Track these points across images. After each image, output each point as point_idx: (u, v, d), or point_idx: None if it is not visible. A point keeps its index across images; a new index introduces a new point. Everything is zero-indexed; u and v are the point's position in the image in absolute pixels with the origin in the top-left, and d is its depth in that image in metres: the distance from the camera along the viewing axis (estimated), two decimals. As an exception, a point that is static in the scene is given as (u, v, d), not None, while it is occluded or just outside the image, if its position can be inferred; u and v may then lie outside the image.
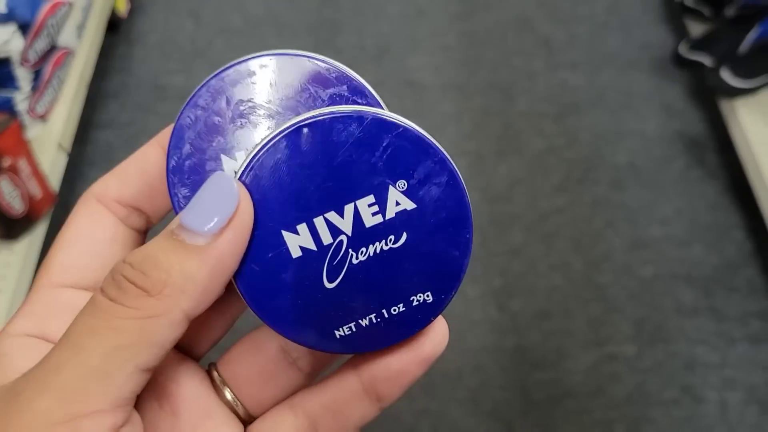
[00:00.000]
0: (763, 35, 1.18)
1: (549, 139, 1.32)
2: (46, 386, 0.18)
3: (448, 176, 0.22)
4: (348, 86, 0.23)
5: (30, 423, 0.17)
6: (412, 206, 0.22)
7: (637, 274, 1.14)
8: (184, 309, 0.19)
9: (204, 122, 0.23)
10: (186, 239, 0.19)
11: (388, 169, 0.22)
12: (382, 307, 0.22)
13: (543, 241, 1.18)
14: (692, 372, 1.04)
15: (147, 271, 0.19)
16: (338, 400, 0.23)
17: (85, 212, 0.24)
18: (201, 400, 0.24)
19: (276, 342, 0.25)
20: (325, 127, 0.21)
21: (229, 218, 0.20)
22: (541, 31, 1.51)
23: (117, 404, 0.18)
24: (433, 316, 0.22)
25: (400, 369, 0.22)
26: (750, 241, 1.18)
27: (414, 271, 0.22)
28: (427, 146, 0.22)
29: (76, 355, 0.18)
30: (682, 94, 1.38)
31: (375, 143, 0.22)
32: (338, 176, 0.21)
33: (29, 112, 1.05)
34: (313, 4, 1.55)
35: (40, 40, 1.04)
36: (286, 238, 0.21)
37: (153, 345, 0.19)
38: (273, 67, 0.24)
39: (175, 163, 0.23)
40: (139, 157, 0.24)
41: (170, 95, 1.39)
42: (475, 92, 1.40)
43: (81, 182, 1.24)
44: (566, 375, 1.04)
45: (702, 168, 1.28)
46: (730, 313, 1.10)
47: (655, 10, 1.54)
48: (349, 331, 0.22)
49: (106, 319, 0.19)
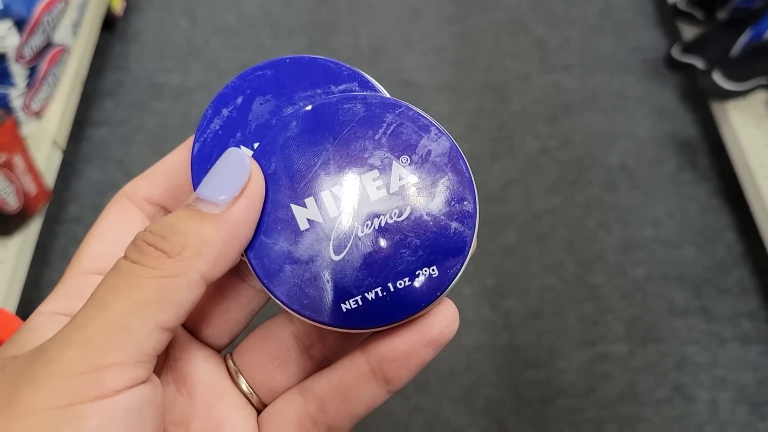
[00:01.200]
0: (755, 38, 1.19)
1: (542, 141, 1.33)
2: (71, 340, 0.19)
3: (450, 152, 0.23)
4: (359, 82, 0.25)
5: (56, 372, 0.18)
6: (415, 180, 0.22)
7: (629, 275, 1.15)
8: (200, 270, 0.20)
9: (227, 117, 0.25)
10: (202, 208, 0.21)
11: (391, 145, 0.23)
12: (387, 281, 0.22)
13: (536, 242, 1.19)
14: (683, 371, 1.05)
15: (166, 236, 0.20)
16: (346, 382, 0.23)
17: (115, 209, 0.25)
18: (216, 384, 0.25)
19: (288, 329, 0.26)
20: (332, 107, 0.23)
21: (242, 188, 0.21)
22: (535, 33, 1.52)
23: (138, 359, 0.19)
24: (439, 291, 0.22)
25: (408, 350, 0.22)
26: (741, 242, 1.19)
27: (419, 245, 0.22)
28: (428, 124, 0.23)
29: (99, 311, 0.19)
30: (674, 96, 1.40)
31: (378, 121, 0.23)
32: (344, 152, 0.23)
33: (24, 108, 1.05)
34: (309, 5, 1.56)
35: (35, 36, 1.04)
36: (294, 211, 0.22)
37: (172, 303, 0.20)
38: (290, 67, 0.25)
39: (197, 155, 0.24)
40: (167, 160, 0.26)
41: (165, 93, 1.39)
42: (469, 93, 1.41)
43: (76, 179, 1.24)
44: (559, 374, 1.05)
45: (694, 170, 1.29)
46: (721, 313, 1.11)
47: (648, 14, 1.55)
48: (355, 305, 0.22)
49: (128, 279, 0.20)
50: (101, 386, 0.18)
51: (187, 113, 1.36)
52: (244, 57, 1.45)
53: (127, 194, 0.26)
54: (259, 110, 0.25)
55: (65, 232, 1.18)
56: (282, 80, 0.25)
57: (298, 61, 0.25)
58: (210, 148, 0.24)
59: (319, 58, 0.25)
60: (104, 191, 1.23)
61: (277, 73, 0.25)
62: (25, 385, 0.18)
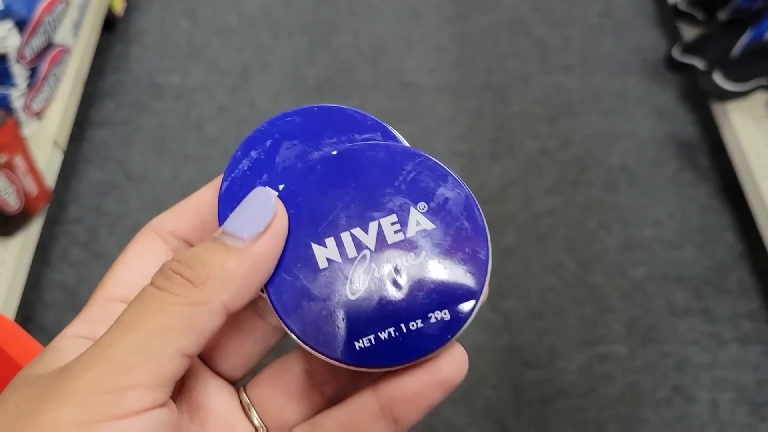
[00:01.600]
0: (755, 39, 1.19)
1: (542, 141, 1.33)
2: (96, 359, 0.19)
3: (466, 201, 0.24)
4: (381, 132, 0.26)
5: (80, 389, 0.19)
6: (431, 226, 0.23)
7: (629, 275, 1.15)
8: (223, 300, 0.21)
9: (255, 159, 0.26)
10: (228, 242, 0.22)
11: (410, 192, 0.24)
12: (400, 322, 0.23)
13: (536, 242, 1.19)
14: (684, 372, 1.05)
15: (193, 265, 0.21)
16: (355, 419, 0.24)
17: (142, 240, 0.27)
18: (228, 415, 0.26)
19: (301, 365, 0.26)
20: (356, 153, 0.25)
21: (266, 225, 0.22)
22: (535, 33, 1.52)
23: (158, 382, 0.20)
24: (450, 334, 0.23)
25: (417, 390, 0.23)
26: (741, 243, 1.19)
27: (432, 289, 0.23)
28: (445, 173, 0.24)
29: (124, 333, 0.20)
30: (674, 97, 1.40)
31: (399, 169, 0.24)
32: (365, 196, 0.24)
33: (25, 109, 1.05)
34: (309, 5, 1.56)
35: (36, 37, 1.04)
36: (314, 250, 0.23)
37: (194, 330, 0.21)
38: (318, 114, 0.27)
39: (225, 191, 0.26)
40: (195, 197, 0.27)
41: (166, 94, 1.39)
42: (470, 94, 1.41)
43: (76, 180, 1.24)
44: (559, 375, 1.05)
45: (694, 170, 1.29)
46: (722, 314, 1.11)
47: (648, 14, 1.55)
48: (368, 343, 0.23)
49: (153, 304, 0.21)
50: (122, 406, 0.19)
51: (187, 114, 1.36)
52: (245, 58, 1.45)
53: (154, 227, 0.27)
54: (285, 154, 0.26)
55: (65, 232, 1.18)
56: (309, 127, 0.26)
57: (326, 110, 0.27)
58: (237, 188, 0.25)
59: (345, 108, 0.27)
60: (104, 192, 1.23)
61: (305, 120, 0.26)
62: (49, 401, 0.19)
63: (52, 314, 1.10)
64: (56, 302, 1.11)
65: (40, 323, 1.09)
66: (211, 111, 1.36)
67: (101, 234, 1.18)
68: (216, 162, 1.28)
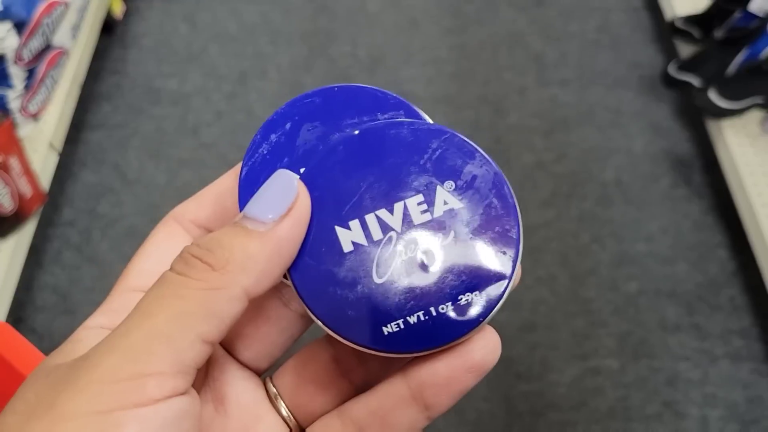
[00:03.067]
0: (751, 57, 1.20)
1: (538, 154, 1.33)
2: (115, 347, 0.19)
3: (494, 178, 0.23)
4: (405, 111, 0.25)
5: (98, 378, 0.18)
6: (459, 205, 0.23)
7: (621, 290, 1.15)
8: (243, 285, 0.20)
9: (274, 143, 0.25)
10: (249, 226, 0.21)
11: (436, 170, 0.23)
12: (429, 305, 0.22)
13: (530, 255, 1.19)
14: (674, 388, 1.05)
15: (212, 249, 0.21)
16: (385, 406, 0.23)
17: (163, 229, 0.26)
18: (254, 406, 0.25)
19: (329, 352, 0.26)
20: (379, 132, 0.24)
21: (288, 208, 0.22)
22: (532, 47, 1.53)
23: (179, 369, 0.19)
24: (482, 317, 0.22)
25: (448, 375, 0.22)
26: (733, 260, 1.19)
27: (462, 270, 0.22)
28: (473, 150, 0.23)
29: (143, 320, 0.20)
30: (669, 113, 1.40)
31: (424, 147, 0.23)
32: (389, 176, 0.23)
33: (21, 110, 1.05)
34: (308, 13, 1.56)
35: (35, 39, 1.04)
36: (338, 234, 0.23)
37: (214, 316, 0.20)
38: (338, 95, 0.26)
39: (245, 177, 0.25)
40: (216, 184, 0.27)
41: (163, 98, 1.39)
42: (466, 105, 1.41)
43: (71, 182, 1.24)
44: (550, 387, 1.05)
45: (688, 187, 1.29)
46: (713, 330, 1.11)
47: (645, 30, 1.56)
48: (396, 328, 0.22)
49: (172, 289, 0.20)
50: (142, 394, 0.18)
51: (184, 119, 1.36)
52: (243, 64, 1.46)
53: (175, 216, 0.26)
54: (306, 136, 0.25)
55: (59, 235, 1.18)
56: (330, 108, 0.25)
57: (346, 90, 0.26)
58: (257, 173, 0.25)
59: (366, 87, 0.26)
60: (99, 195, 1.23)
61: (326, 101, 0.26)
62: (67, 390, 0.18)
63: (43, 317, 1.09)
64: (48, 305, 1.10)
65: (31, 325, 1.08)
66: (208, 116, 1.36)
67: (94, 237, 1.18)
68: (211, 167, 1.28)
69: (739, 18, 1.24)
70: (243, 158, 0.25)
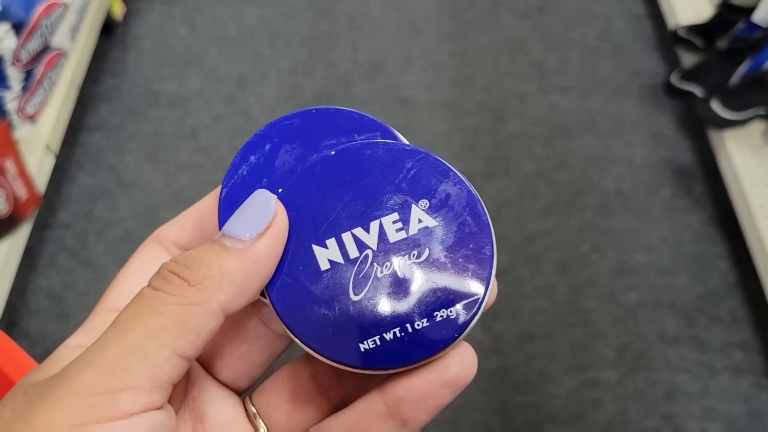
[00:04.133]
0: (754, 68, 1.19)
1: (538, 162, 1.32)
2: (90, 361, 0.19)
3: (467, 196, 0.24)
4: (381, 132, 0.26)
5: (73, 392, 0.18)
6: (434, 224, 0.23)
7: (621, 301, 1.14)
8: (220, 301, 0.21)
9: (254, 164, 0.26)
10: (227, 243, 0.22)
11: (411, 190, 0.24)
12: (405, 322, 0.22)
13: (529, 264, 1.18)
14: (673, 401, 1.04)
15: (190, 265, 0.21)
16: (363, 422, 0.23)
17: (145, 251, 0.27)
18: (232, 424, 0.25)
19: (308, 370, 0.26)
20: (355, 153, 0.24)
21: (266, 227, 0.22)
22: (534, 54, 1.52)
23: (153, 384, 0.19)
24: (457, 333, 0.22)
25: (425, 391, 0.22)
26: (734, 271, 1.18)
27: (437, 287, 0.22)
28: (446, 170, 0.24)
29: (119, 335, 0.20)
30: (671, 122, 1.40)
31: (399, 166, 0.24)
32: (365, 196, 0.24)
33: (18, 112, 1.04)
34: (309, 17, 1.56)
35: (33, 40, 1.03)
36: (315, 252, 0.23)
37: (190, 331, 0.20)
38: (316, 117, 0.26)
39: (224, 197, 0.25)
40: (197, 206, 0.27)
41: (162, 101, 1.38)
42: (467, 112, 1.40)
43: (68, 184, 1.23)
44: (548, 399, 1.04)
45: (689, 197, 1.28)
46: (713, 342, 1.10)
47: (647, 39, 1.56)
48: (373, 344, 0.22)
49: (149, 305, 0.20)
50: (116, 408, 0.18)
51: (183, 121, 1.35)
52: (242, 67, 1.45)
53: (156, 238, 0.27)
54: (285, 157, 0.26)
55: (54, 238, 1.17)
56: (308, 129, 0.26)
57: (324, 112, 0.26)
58: (237, 193, 0.25)
59: (344, 109, 0.26)
60: (95, 198, 1.22)
61: (304, 123, 0.26)
62: (42, 404, 0.18)
63: (37, 321, 1.08)
64: (41, 308, 1.09)
65: (25, 330, 1.07)
66: (207, 120, 1.36)
67: (90, 240, 1.17)
68: (209, 171, 1.27)
69: (743, 28, 1.23)
70: (224, 179, 0.26)
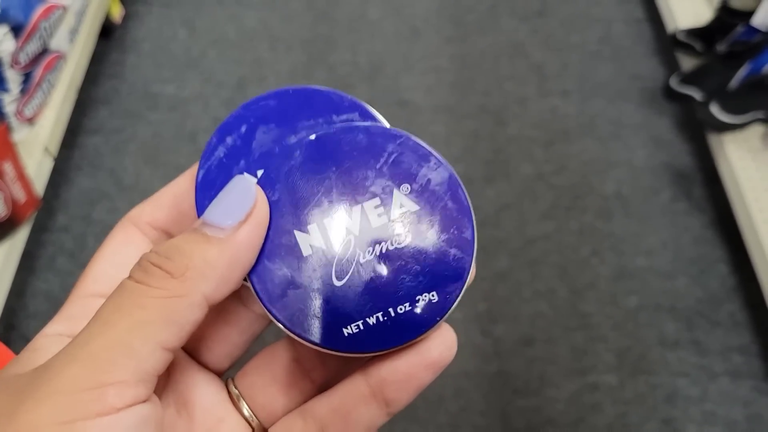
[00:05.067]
0: (753, 72, 1.19)
1: (538, 165, 1.32)
2: (74, 356, 0.19)
3: (449, 180, 0.24)
4: (360, 112, 0.26)
5: (58, 388, 0.18)
6: (415, 208, 0.23)
7: (621, 304, 1.14)
8: (203, 292, 0.21)
9: (231, 145, 0.25)
10: (208, 232, 0.22)
11: (392, 174, 0.23)
12: (388, 306, 0.22)
13: (529, 267, 1.18)
14: (673, 405, 1.04)
15: (171, 257, 0.21)
16: (347, 403, 0.23)
17: (120, 233, 0.26)
18: (216, 408, 0.25)
19: (290, 353, 0.26)
20: (335, 137, 0.24)
21: (247, 214, 0.22)
22: (533, 57, 1.52)
23: (139, 377, 0.19)
24: (439, 316, 0.23)
25: (407, 372, 0.23)
26: (734, 275, 1.18)
27: (419, 271, 0.23)
28: (428, 153, 0.24)
29: (103, 329, 0.20)
30: (670, 126, 1.40)
31: (380, 151, 0.24)
32: (346, 180, 0.23)
33: (17, 114, 1.03)
34: (308, 20, 1.55)
35: (32, 42, 1.03)
36: (297, 237, 0.23)
37: (174, 324, 0.20)
38: (293, 97, 0.26)
39: (202, 181, 0.25)
40: (172, 186, 0.27)
41: (161, 103, 1.38)
42: (466, 115, 1.40)
43: (66, 187, 1.23)
44: (548, 403, 1.04)
45: (688, 200, 1.28)
46: (712, 346, 1.10)
47: (647, 42, 1.56)
48: (356, 329, 0.22)
49: (132, 298, 0.20)
50: (102, 403, 0.18)
51: (182, 124, 1.35)
52: (242, 70, 1.45)
53: (131, 219, 0.26)
54: (262, 139, 0.25)
55: (53, 240, 1.16)
56: (285, 110, 0.26)
57: (301, 92, 0.26)
58: (214, 175, 0.25)
59: (321, 89, 0.26)
60: (94, 200, 1.22)
61: (281, 103, 0.26)
62: (28, 401, 0.18)
63: (35, 324, 1.08)
64: (40, 311, 1.09)
65: (23, 333, 1.07)
66: (206, 122, 1.35)
67: (89, 243, 1.17)
68: (209, 174, 1.26)
69: (742, 32, 1.23)
70: (200, 161, 0.25)
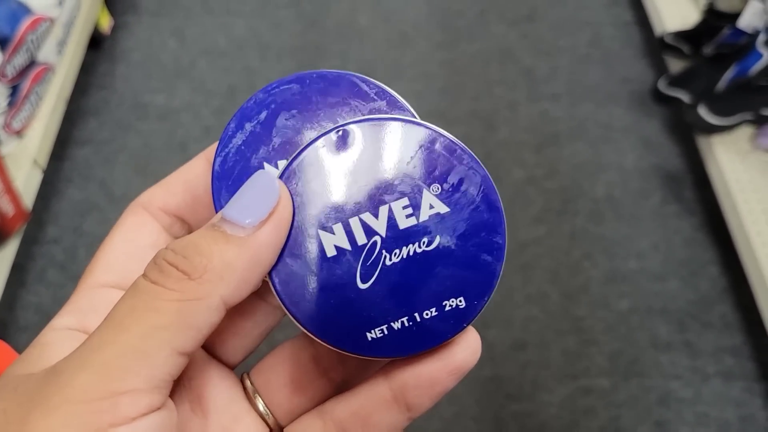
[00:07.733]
0: (740, 74, 1.20)
1: (529, 170, 1.33)
2: (86, 363, 0.18)
3: (482, 181, 0.23)
4: (387, 101, 0.25)
5: (70, 398, 0.18)
6: (445, 210, 0.22)
7: (613, 307, 1.14)
8: (221, 295, 0.20)
9: (250, 132, 0.24)
10: (227, 230, 0.20)
11: (422, 173, 0.22)
12: (414, 311, 0.22)
13: (520, 272, 1.18)
14: (666, 407, 1.04)
15: (189, 256, 0.20)
16: (367, 407, 0.23)
17: (130, 219, 0.25)
18: (232, 406, 0.24)
19: (308, 351, 0.25)
20: (363, 130, 0.23)
21: (269, 213, 0.21)
22: (523, 61, 1.53)
23: (154, 384, 0.18)
24: (465, 322, 0.22)
25: (431, 377, 0.22)
26: (724, 277, 1.19)
27: (447, 276, 0.22)
28: (461, 152, 0.23)
29: (116, 334, 0.19)
30: (660, 128, 1.40)
31: (410, 147, 0.22)
32: (374, 179, 0.22)
33: (5, 127, 1.03)
34: (298, 28, 1.56)
35: (19, 55, 1.03)
36: (321, 237, 0.22)
37: (190, 328, 0.19)
38: (317, 82, 0.24)
39: (219, 169, 0.24)
40: (185, 169, 0.25)
41: (151, 114, 1.38)
42: (457, 120, 1.41)
43: (56, 199, 1.22)
44: (541, 407, 1.04)
45: (679, 203, 1.29)
46: (704, 348, 1.10)
47: (635, 45, 1.56)
48: (380, 334, 0.22)
49: (146, 301, 0.19)
50: (116, 413, 0.18)
51: (172, 134, 1.34)
52: (232, 79, 1.45)
53: (142, 203, 0.25)
54: (283, 126, 0.24)
55: (43, 253, 1.16)
56: (308, 96, 0.24)
57: (326, 77, 0.25)
58: (232, 164, 0.24)
59: (347, 74, 0.25)
60: (85, 212, 1.21)
61: (303, 88, 0.24)
62: (38, 409, 0.17)
63: (26, 337, 1.07)
64: (31, 324, 1.09)
65: (14, 346, 1.06)
66: (197, 132, 1.35)
67: (80, 255, 1.16)
68: (199, 184, 1.26)
69: (729, 34, 1.24)
70: (217, 147, 0.24)
